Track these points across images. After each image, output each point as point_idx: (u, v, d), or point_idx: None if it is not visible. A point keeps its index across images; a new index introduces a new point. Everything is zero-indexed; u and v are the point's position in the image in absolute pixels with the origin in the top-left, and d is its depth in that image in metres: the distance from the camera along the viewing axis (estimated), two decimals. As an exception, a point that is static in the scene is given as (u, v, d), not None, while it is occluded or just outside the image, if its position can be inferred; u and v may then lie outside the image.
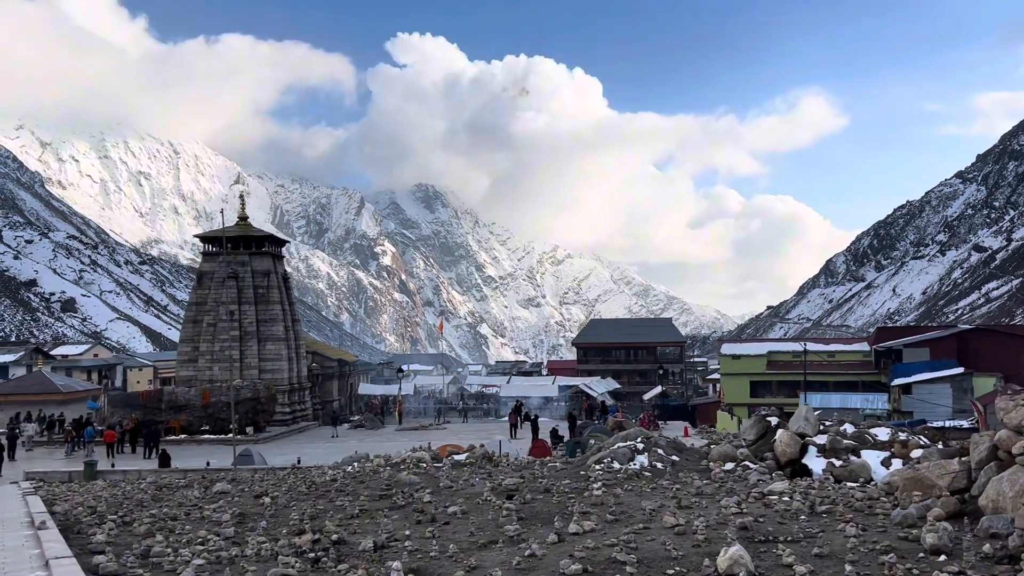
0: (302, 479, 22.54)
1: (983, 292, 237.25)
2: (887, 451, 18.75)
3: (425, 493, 17.22)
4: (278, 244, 65.67)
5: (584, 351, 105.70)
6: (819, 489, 14.86)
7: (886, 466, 17.75)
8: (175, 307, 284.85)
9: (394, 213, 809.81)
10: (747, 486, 16.05)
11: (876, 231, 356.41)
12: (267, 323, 60.40)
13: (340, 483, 20.67)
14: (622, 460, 20.01)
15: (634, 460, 20.08)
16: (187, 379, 58.75)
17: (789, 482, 15.60)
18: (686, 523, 12.51)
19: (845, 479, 16.83)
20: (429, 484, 19.03)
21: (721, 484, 16.57)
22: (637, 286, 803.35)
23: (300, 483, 21.48)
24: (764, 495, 14.81)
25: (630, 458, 20.11)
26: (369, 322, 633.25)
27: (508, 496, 16.06)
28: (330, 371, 73.35)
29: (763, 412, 21.77)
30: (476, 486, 18.24)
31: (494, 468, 22.48)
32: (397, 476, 20.04)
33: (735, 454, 19.96)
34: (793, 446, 18.62)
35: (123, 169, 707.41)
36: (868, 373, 67.02)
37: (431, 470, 22.21)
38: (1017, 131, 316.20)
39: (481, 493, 16.91)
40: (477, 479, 19.64)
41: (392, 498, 17.26)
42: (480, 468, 22.24)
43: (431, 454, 25.46)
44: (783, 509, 13.49)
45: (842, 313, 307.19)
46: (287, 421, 58.10)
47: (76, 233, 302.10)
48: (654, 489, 16.39)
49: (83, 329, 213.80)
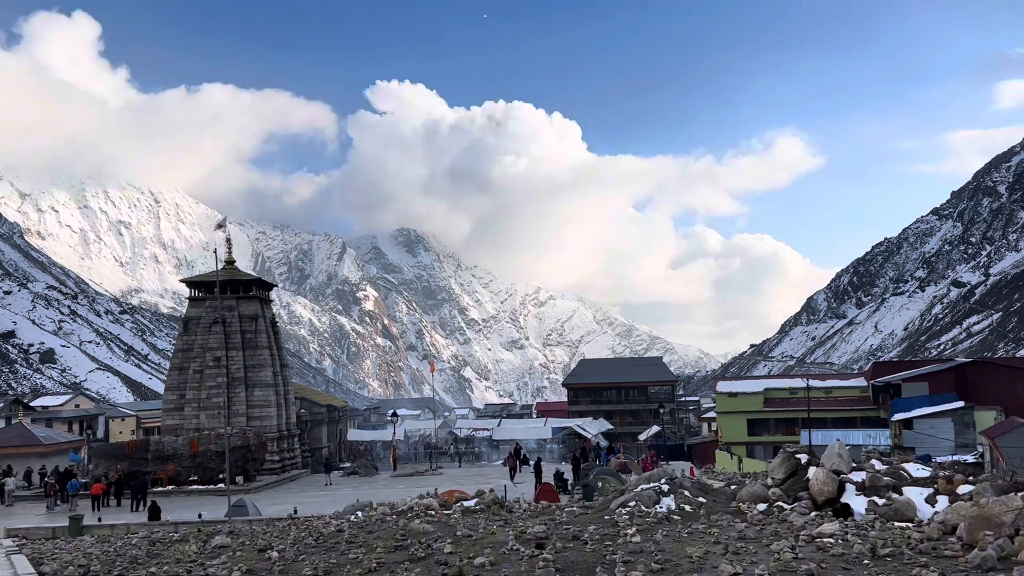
0: (306, 530, 21.30)
1: (964, 327, 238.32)
2: (928, 487, 17.85)
3: (445, 543, 16.11)
4: (266, 288, 64.48)
5: (575, 392, 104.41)
6: (877, 530, 13.87)
7: (931, 503, 16.84)
8: (156, 356, 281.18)
9: (376, 258, 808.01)
10: (791, 528, 15.06)
11: (855, 268, 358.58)
12: (255, 369, 58.96)
13: (348, 533, 19.49)
14: (648, 503, 18.99)
15: (660, 503, 19.06)
16: (173, 428, 57.08)
17: (839, 523, 14.61)
18: (744, 571, 11.52)
19: (891, 518, 15.89)
20: (445, 533, 17.90)
21: (762, 527, 15.57)
22: (620, 326, 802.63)
23: (305, 534, 20.26)
24: (814, 538, 13.84)
25: (656, 501, 19.10)
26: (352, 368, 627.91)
27: (538, 545, 14.98)
28: (319, 417, 71.78)
29: (790, 449, 20.80)
30: (498, 534, 17.13)
31: (509, 514, 21.36)
32: (409, 525, 18.88)
33: (766, 494, 18.98)
34: (830, 484, 17.66)
35: (103, 219, 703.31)
36: (866, 409, 66.25)
37: (442, 517, 21.06)
38: (990, 168, 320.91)
39: (506, 542, 15.81)
40: (495, 527, 18.53)
41: (409, 549, 16.14)
42: (495, 515, 21.10)
43: (439, 500, 24.28)
44: (842, 553, 12.54)
45: (825, 350, 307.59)
46: (277, 470, 56.47)
47: (55, 283, 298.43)
48: (691, 534, 15.37)
49: (62, 380, 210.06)
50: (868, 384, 68.89)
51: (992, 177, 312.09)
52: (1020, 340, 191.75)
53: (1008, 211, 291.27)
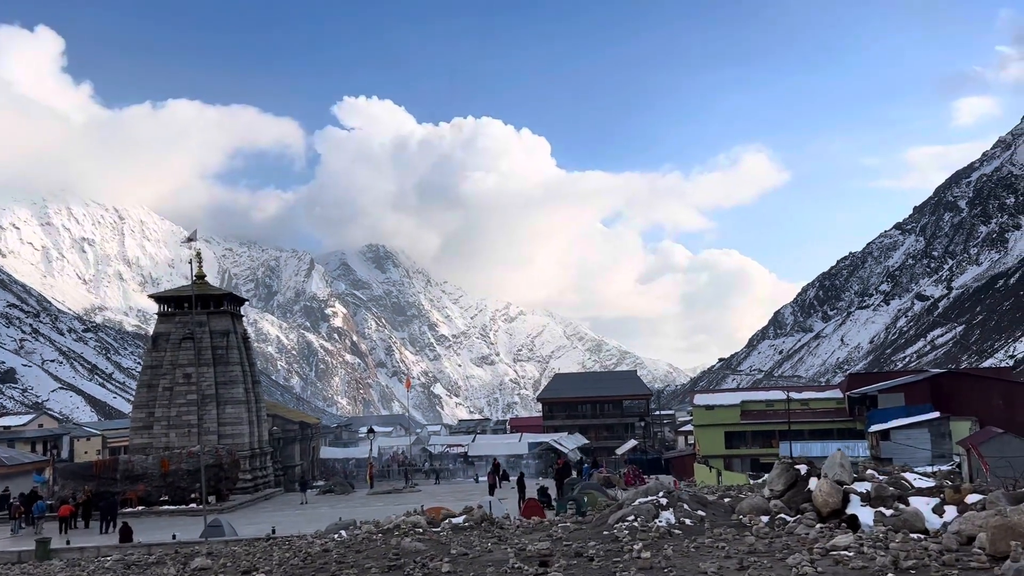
0: (290, 550, 20.48)
1: (929, 339, 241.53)
2: (932, 497, 17.48)
3: (442, 563, 15.42)
4: (237, 303, 63.25)
5: (549, 407, 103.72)
6: (898, 542, 13.41)
7: (938, 513, 16.45)
8: (120, 375, 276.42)
9: (345, 274, 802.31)
10: (802, 541, 14.59)
11: (821, 282, 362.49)
12: (227, 385, 57.67)
13: (336, 553, 18.73)
14: (647, 517, 18.45)
15: (659, 517, 18.54)
16: (142, 447, 55.57)
17: (852, 536, 14.15)
18: (767, 587, 11.00)
19: (899, 529, 15.48)
20: (439, 552, 17.22)
21: (770, 540, 15.07)
22: (590, 341, 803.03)
23: (290, 555, 19.45)
24: (828, 551, 13.38)
25: (655, 515, 18.57)
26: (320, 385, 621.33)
27: (542, 563, 14.36)
28: (291, 435, 70.45)
29: (788, 460, 20.37)
30: (495, 552, 16.49)
31: (501, 531, 20.71)
32: (401, 544, 18.16)
33: (767, 506, 18.53)
34: (835, 495, 17.23)
35: (66, 236, 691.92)
36: (843, 420, 66.35)
37: (432, 535, 20.37)
38: (950, 183, 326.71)
39: (506, 560, 15.17)
40: (490, 544, 17.88)
41: (404, 569, 15.46)
42: (486, 532, 20.45)
43: (426, 518, 23.57)
44: (862, 567, 12.07)
45: (793, 363, 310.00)
46: (250, 489, 55.16)
47: (16, 302, 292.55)
48: (699, 548, 14.85)
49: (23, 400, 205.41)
50: (844, 396, 69.06)
51: (953, 192, 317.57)
52: (983, 352, 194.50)
53: (969, 225, 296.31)
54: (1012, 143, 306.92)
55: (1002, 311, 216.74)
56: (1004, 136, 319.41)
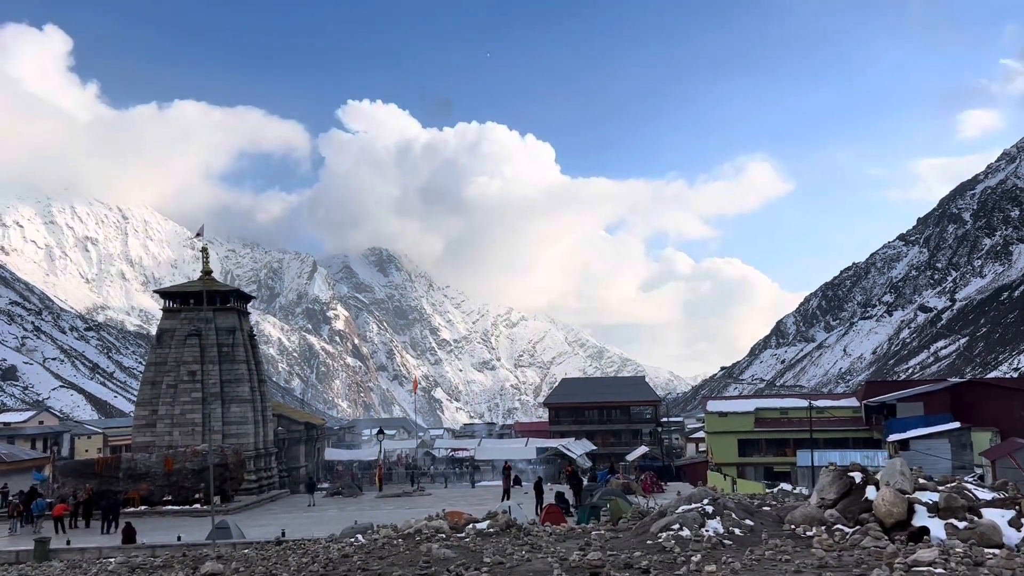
0: (307, 555, 19.22)
1: (932, 351, 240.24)
2: (1004, 509, 16.22)
3: (480, 573, 14.18)
4: (244, 300, 62.06)
5: (556, 411, 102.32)
6: (1002, 559, 12.15)
7: (1015, 527, 15.21)
8: (122, 374, 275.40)
9: (347, 277, 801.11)
10: (875, 555, 13.34)
11: (824, 292, 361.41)
12: (232, 384, 56.46)
13: (358, 559, 17.49)
14: (692, 526, 17.19)
15: (706, 525, 17.29)
16: (144, 445, 54.34)
17: (936, 550, 12.89)
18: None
19: (975, 544, 14.23)
20: (471, 560, 15.99)
21: (839, 554, 13.83)
22: (591, 348, 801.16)
23: (308, 560, 18.20)
24: (910, 567, 12.14)
25: (701, 523, 17.30)
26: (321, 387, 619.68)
27: (593, 575, 13.11)
28: (297, 435, 69.15)
29: (841, 467, 19.10)
30: (534, 562, 15.24)
31: (530, 538, 19.44)
32: (431, 551, 16.90)
33: (821, 516, 17.27)
34: (900, 506, 15.97)
35: (69, 234, 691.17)
36: (859, 429, 65.00)
37: (457, 541, 19.13)
38: (955, 195, 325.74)
39: (549, 571, 13.95)
40: (524, 552, 16.63)
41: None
42: (516, 539, 19.17)
43: (449, 523, 22.31)
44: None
45: (795, 373, 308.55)
46: (254, 490, 53.92)
47: (19, 299, 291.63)
48: (760, 561, 13.61)
49: (24, 398, 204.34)
50: (860, 404, 67.71)
51: (957, 204, 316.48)
52: (987, 364, 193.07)
53: (973, 238, 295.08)
54: (1017, 156, 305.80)
55: (1006, 324, 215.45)
56: (1009, 149, 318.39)
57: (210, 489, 30.14)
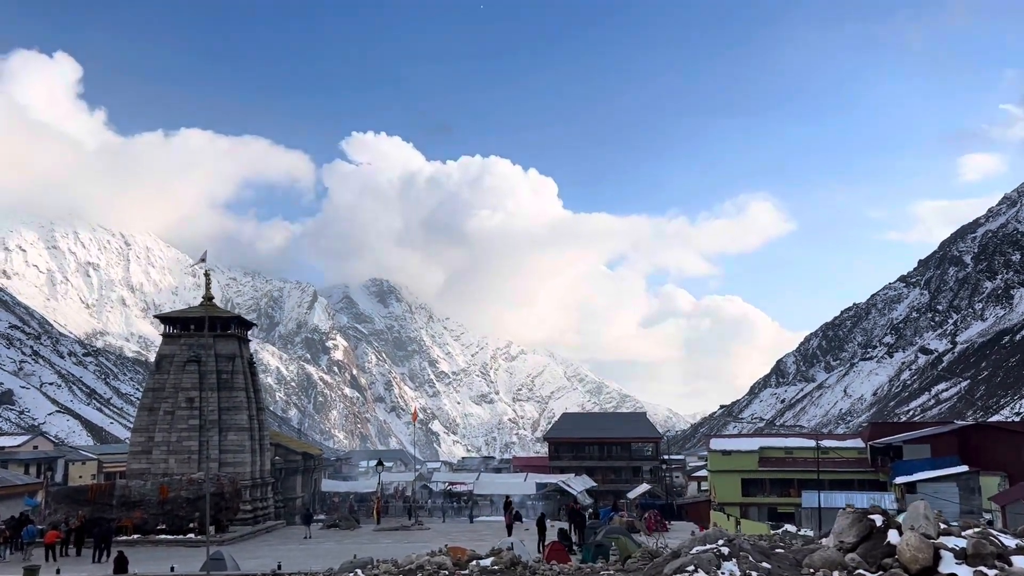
0: (307, 591, 18.53)
1: (933, 393, 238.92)
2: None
3: (488, 611, 13.52)
4: (245, 326, 61.48)
5: (556, 446, 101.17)
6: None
7: (1047, 576, 14.58)
8: (119, 400, 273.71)
9: (347, 307, 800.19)
10: (904, 603, 12.71)
11: (825, 332, 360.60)
12: (230, 411, 55.71)
13: (359, 596, 16.82)
14: (707, 568, 16.59)
15: (722, 567, 16.68)
16: (140, 472, 53.46)
17: (970, 598, 12.28)
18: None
19: (1006, 592, 13.61)
20: (478, 598, 15.32)
21: (865, 600, 13.20)
22: (590, 383, 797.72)
23: (308, 596, 17.51)
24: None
25: (717, 566, 16.71)
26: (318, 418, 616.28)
27: (609, 617, 12.47)
28: (294, 465, 68.14)
29: (860, 509, 18.46)
30: (545, 601, 14.58)
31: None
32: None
33: (842, 560, 16.66)
34: (926, 551, 15.37)
35: (71, 260, 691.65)
36: (865, 471, 64.02)
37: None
38: (955, 238, 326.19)
39: (562, 612, 13.28)
40: (533, 591, 15.98)
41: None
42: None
43: (453, 559, 21.63)
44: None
45: (795, 413, 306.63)
46: (249, 520, 52.96)
47: (18, 323, 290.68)
48: (783, 606, 12.96)
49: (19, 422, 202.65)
50: (866, 445, 66.79)
51: (958, 247, 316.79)
52: (988, 408, 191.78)
53: (974, 281, 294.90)
54: (1018, 200, 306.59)
55: (1008, 367, 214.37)
56: (1010, 193, 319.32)
57: (205, 519, 29.34)
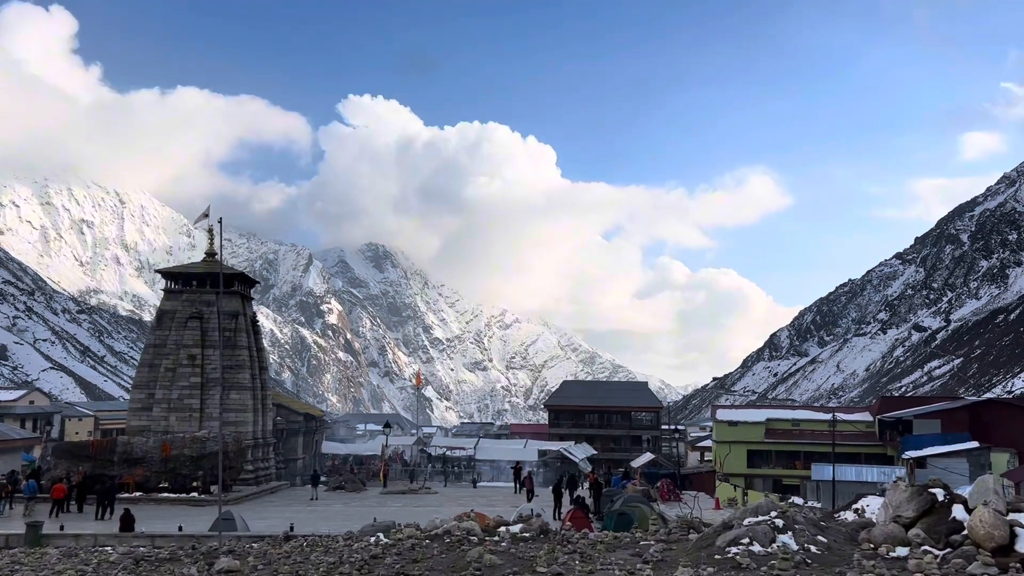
0: (335, 555, 17.58)
1: (925, 370, 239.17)
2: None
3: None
4: (248, 284, 60.27)
5: (556, 413, 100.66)
6: None
7: None
8: (112, 358, 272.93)
9: (342, 271, 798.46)
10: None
11: (819, 308, 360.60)
12: (233, 370, 54.61)
13: (391, 561, 15.89)
14: (763, 540, 15.66)
15: (777, 540, 15.76)
16: (140, 429, 52.44)
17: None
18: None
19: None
20: (522, 568, 14.40)
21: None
22: (583, 353, 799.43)
23: (337, 561, 16.56)
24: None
25: (772, 538, 15.78)
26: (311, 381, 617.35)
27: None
28: (296, 426, 67.34)
29: (920, 483, 17.52)
30: (598, 574, 13.65)
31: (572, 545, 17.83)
32: (483, 556, 15.29)
33: (904, 536, 15.71)
34: (1002, 529, 14.39)
35: (65, 216, 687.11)
36: (872, 444, 63.49)
37: (493, 546, 17.54)
38: (953, 216, 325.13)
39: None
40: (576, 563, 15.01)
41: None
42: (562, 546, 17.56)
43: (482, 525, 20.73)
44: None
45: (787, 387, 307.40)
46: (251, 480, 52.13)
47: (12, 279, 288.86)
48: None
49: (13, 378, 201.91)
50: (874, 419, 66.21)
51: (955, 225, 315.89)
52: (981, 386, 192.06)
53: (970, 259, 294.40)
54: (1016, 180, 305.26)
55: (1001, 346, 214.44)
56: (1009, 172, 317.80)
57: (219, 477, 28.48)
